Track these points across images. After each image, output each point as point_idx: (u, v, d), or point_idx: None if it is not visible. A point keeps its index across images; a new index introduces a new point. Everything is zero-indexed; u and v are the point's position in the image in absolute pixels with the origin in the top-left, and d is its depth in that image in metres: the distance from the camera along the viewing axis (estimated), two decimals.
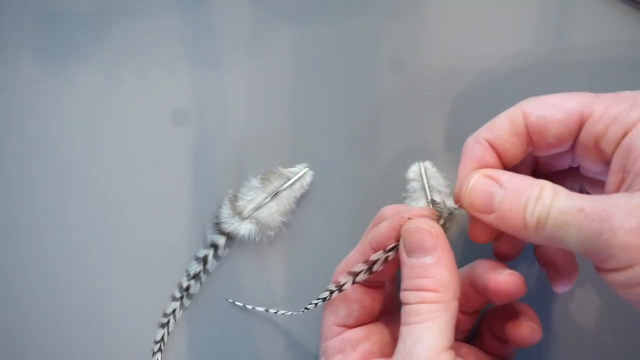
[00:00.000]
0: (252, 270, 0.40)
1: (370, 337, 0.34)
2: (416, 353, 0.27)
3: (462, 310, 0.32)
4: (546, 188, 0.27)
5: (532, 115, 0.29)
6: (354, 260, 0.33)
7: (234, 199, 0.40)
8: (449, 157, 0.40)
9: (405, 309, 0.29)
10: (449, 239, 0.31)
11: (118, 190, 0.41)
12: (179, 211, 0.40)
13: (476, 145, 0.31)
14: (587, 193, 0.33)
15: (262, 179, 0.40)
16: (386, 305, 0.35)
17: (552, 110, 0.29)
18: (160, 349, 0.39)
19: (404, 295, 0.29)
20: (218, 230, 0.40)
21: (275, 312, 0.38)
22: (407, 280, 0.30)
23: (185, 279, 0.40)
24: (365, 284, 0.33)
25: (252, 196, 0.40)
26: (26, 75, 0.42)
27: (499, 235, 0.32)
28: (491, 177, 0.29)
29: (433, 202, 0.38)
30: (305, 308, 0.34)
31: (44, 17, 0.42)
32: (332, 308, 0.34)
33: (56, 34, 0.42)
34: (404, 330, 0.29)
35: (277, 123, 0.41)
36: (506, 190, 0.28)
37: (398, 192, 0.39)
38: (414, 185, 0.39)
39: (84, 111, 0.42)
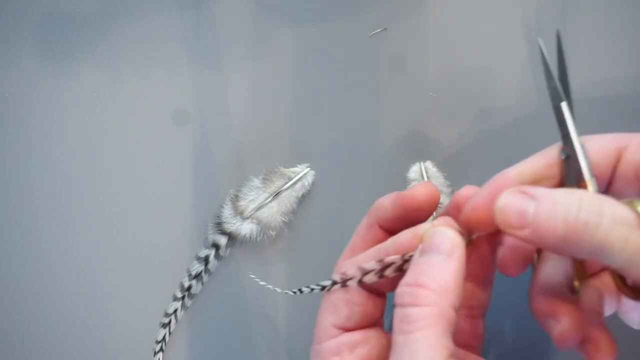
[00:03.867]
0: (253, 270, 0.40)
1: (369, 341, 0.32)
2: None
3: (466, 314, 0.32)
4: (589, 194, 0.26)
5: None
6: (357, 248, 0.33)
7: (236, 199, 0.40)
8: (450, 157, 0.40)
9: (397, 314, 0.27)
10: None
11: (119, 190, 0.41)
12: (180, 211, 0.41)
13: (502, 178, 0.30)
14: None
15: (264, 178, 0.40)
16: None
17: (588, 142, 0.29)
18: (161, 349, 0.40)
19: (399, 293, 0.27)
20: (219, 230, 0.40)
21: (290, 292, 0.35)
22: (408, 275, 0.28)
23: (186, 278, 0.40)
24: (370, 289, 0.32)
25: (254, 196, 0.40)
26: (26, 75, 0.42)
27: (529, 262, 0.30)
28: (523, 192, 0.27)
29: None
30: (311, 289, 0.32)
31: (45, 17, 0.42)
32: (332, 308, 0.32)
33: (57, 33, 0.42)
34: (398, 339, 0.26)
35: (279, 123, 0.41)
36: (540, 202, 0.26)
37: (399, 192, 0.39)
38: (415, 185, 0.39)
39: (85, 111, 0.42)
